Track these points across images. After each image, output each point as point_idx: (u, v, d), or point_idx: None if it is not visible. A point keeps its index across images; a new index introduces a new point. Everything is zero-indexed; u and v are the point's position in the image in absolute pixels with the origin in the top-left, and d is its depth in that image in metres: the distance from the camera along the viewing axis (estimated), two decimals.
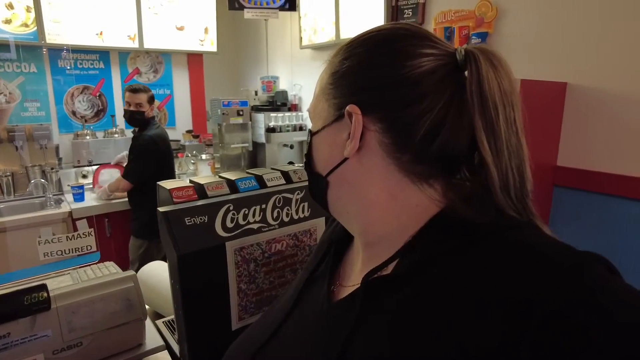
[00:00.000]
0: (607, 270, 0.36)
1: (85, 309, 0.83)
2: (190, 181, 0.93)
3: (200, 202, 0.84)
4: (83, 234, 0.80)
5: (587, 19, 1.75)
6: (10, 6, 2.85)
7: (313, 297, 0.56)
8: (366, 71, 0.47)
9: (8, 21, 2.85)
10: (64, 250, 0.82)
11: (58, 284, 0.90)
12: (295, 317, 0.56)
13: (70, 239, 0.80)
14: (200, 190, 0.89)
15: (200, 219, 0.81)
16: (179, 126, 3.68)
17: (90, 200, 2.76)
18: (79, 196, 2.72)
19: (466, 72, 0.44)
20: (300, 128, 3.38)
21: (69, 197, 2.78)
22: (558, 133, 1.89)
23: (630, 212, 1.68)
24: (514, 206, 0.44)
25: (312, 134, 0.53)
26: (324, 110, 0.50)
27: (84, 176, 3.04)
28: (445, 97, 0.44)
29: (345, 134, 0.47)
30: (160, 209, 0.82)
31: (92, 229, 0.80)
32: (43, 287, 0.81)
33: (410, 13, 2.51)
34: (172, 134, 3.60)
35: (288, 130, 3.31)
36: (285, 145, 3.42)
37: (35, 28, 2.91)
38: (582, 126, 1.82)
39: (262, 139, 3.31)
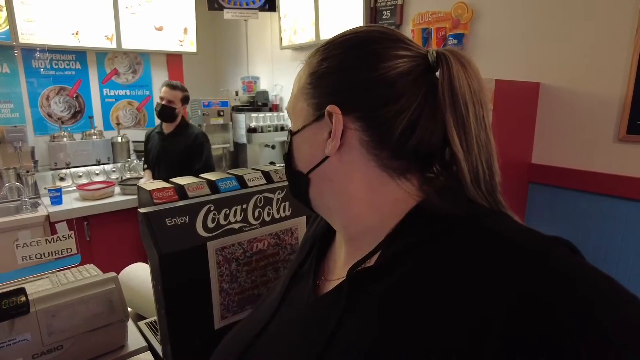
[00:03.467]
0: (570, 251, 0.39)
1: (66, 311, 0.83)
2: (171, 182, 0.93)
3: (180, 203, 0.85)
4: (63, 236, 0.80)
5: (559, 21, 1.81)
6: None
7: (299, 293, 0.57)
8: (344, 73, 0.48)
9: None
10: (43, 253, 0.81)
11: (37, 287, 0.89)
12: (283, 313, 0.57)
13: (50, 242, 0.80)
14: (180, 191, 0.89)
15: (181, 219, 0.82)
16: None
17: (69, 203, 2.71)
18: (56, 199, 2.67)
19: (438, 73, 0.47)
20: (282, 128, 3.39)
21: (45, 200, 2.72)
22: (532, 131, 1.95)
23: (601, 207, 1.75)
24: (484, 198, 0.46)
25: (292, 133, 0.54)
26: (304, 109, 0.52)
27: (62, 179, 2.98)
28: (420, 96, 0.46)
29: (326, 133, 0.49)
30: (141, 210, 0.82)
31: (72, 232, 0.79)
32: (21, 291, 0.81)
33: (389, 14, 2.55)
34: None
35: (269, 131, 3.31)
36: (266, 145, 3.42)
37: (7, 27, 2.84)
38: (554, 125, 1.88)
39: (244, 140, 3.30)
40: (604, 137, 1.72)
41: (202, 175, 0.99)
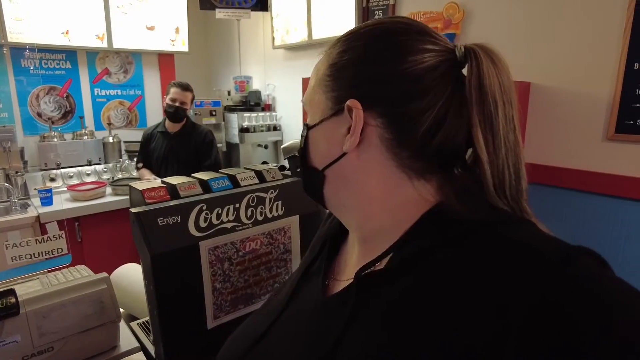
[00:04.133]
0: (596, 262, 0.36)
1: (56, 312, 0.82)
2: (163, 182, 0.93)
3: (172, 203, 0.84)
4: (53, 236, 0.79)
5: (549, 21, 1.83)
6: None
7: (308, 291, 0.56)
8: (367, 65, 0.46)
9: None
10: (34, 253, 0.81)
11: (27, 289, 0.89)
12: (291, 311, 0.56)
13: (40, 242, 0.79)
14: (172, 190, 0.89)
15: (173, 219, 0.81)
16: None
17: (59, 203, 2.68)
18: (47, 200, 2.64)
19: (465, 69, 0.44)
20: (274, 128, 3.38)
21: (35, 201, 2.69)
22: (523, 130, 1.97)
23: (590, 205, 1.77)
24: (507, 204, 0.43)
25: (308, 127, 0.51)
26: (322, 102, 0.49)
27: (52, 179, 2.95)
28: (447, 93, 0.44)
29: (344, 128, 0.46)
30: (133, 210, 0.81)
31: (63, 232, 0.79)
32: (11, 292, 0.80)
33: (381, 14, 2.55)
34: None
35: (262, 130, 3.30)
36: (259, 145, 3.41)
37: None
38: (545, 124, 1.90)
39: (236, 139, 3.29)
40: (594, 136, 1.74)
41: (193, 175, 0.98)
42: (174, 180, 0.93)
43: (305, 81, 2.64)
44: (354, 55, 0.47)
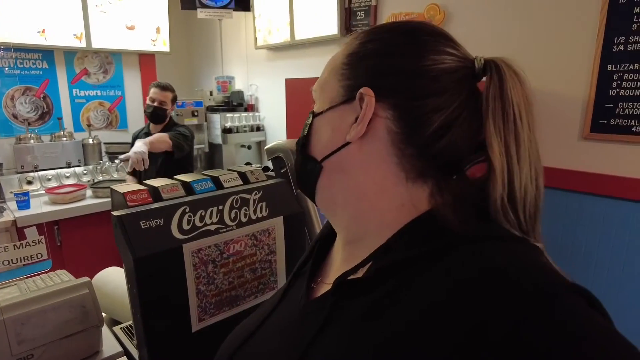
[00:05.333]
0: (585, 302, 0.34)
1: (36, 319, 0.80)
2: (144, 184, 0.92)
3: (155, 205, 0.84)
4: (32, 241, 0.78)
5: (526, 22, 1.88)
6: None
7: (296, 292, 0.56)
8: (387, 57, 0.46)
9: None
10: (12, 260, 0.79)
11: (4, 295, 0.87)
12: (280, 311, 0.56)
13: (19, 248, 0.77)
14: (154, 193, 0.88)
15: (156, 222, 0.81)
16: (131, 128, 3.54)
17: (37, 207, 2.62)
18: (23, 203, 2.57)
19: (484, 79, 0.45)
20: (258, 128, 3.37)
21: (12, 205, 2.62)
22: None
23: (567, 203, 1.81)
24: (521, 219, 0.42)
25: (314, 114, 0.51)
26: (334, 90, 0.49)
27: (29, 182, 2.88)
28: (462, 98, 0.44)
29: (352, 117, 0.46)
30: (115, 213, 0.81)
31: (43, 237, 0.77)
32: None
33: (363, 15, 2.57)
34: (124, 137, 3.48)
35: (245, 131, 3.29)
36: (242, 146, 3.40)
37: None
38: None
39: (219, 140, 3.26)
40: (570, 135, 1.79)
41: (176, 177, 0.98)
42: (155, 182, 0.92)
43: (289, 82, 2.63)
44: (375, 46, 0.47)
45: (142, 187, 0.89)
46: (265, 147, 1.39)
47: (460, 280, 0.36)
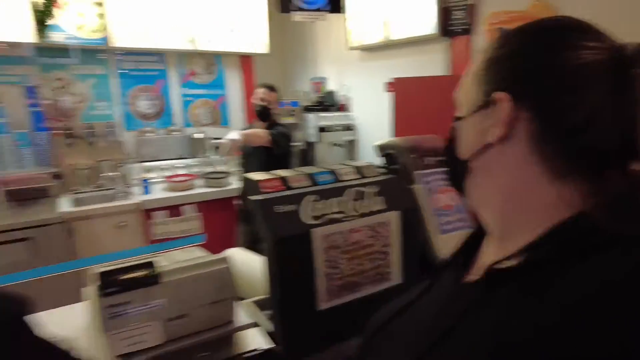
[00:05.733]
0: None
1: (188, 285, 0.94)
2: (272, 174, 1.02)
3: (287, 192, 0.94)
4: (190, 217, 0.91)
5: None
6: (82, 14, 3.08)
7: (445, 281, 0.58)
8: (521, 58, 0.47)
9: (81, 27, 3.09)
10: (174, 231, 0.92)
11: (158, 263, 1.02)
12: (428, 297, 0.58)
13: (179, 222, 0.91)
14: (284, 182, 0.98)
15: (289, 207, 0.91)
16: (233, 126, 3.83)
17: (158, 192, 2.98)
18: (146, 189, 2.95)
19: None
20: (349, 128, 3.45)
21: (135, 189, 3.00)
22: None
23: None
24: None
25: (457, 119, 0.54)
26: (473, 95, 0.51)
27: (149, 171, 3.26)
28: (603, 92, 0.43)
29: (492, 121, 0.48)
30: (253, 198, 0.92)
31: (201, 213, 0.90)
32: (150, 265, 0.93)
33: (462, 14, 2.52)
34: (226, 134, 3.76)
35: (338, 130, 3.39)
36: (335, 144, 3.50)
37: (106, 34, 3.13)
38: None
39: (313, 139, 3.40)
40: None
41: (296, 169, 1.07)
42: (281, 173, 1.02)
43: (397, 81, 2.57)
44: (508, 49, 0.49)
45: (273, 176, 1.00)
46: (376, 143, 1.43)
47: (606, 282, 0.36)
